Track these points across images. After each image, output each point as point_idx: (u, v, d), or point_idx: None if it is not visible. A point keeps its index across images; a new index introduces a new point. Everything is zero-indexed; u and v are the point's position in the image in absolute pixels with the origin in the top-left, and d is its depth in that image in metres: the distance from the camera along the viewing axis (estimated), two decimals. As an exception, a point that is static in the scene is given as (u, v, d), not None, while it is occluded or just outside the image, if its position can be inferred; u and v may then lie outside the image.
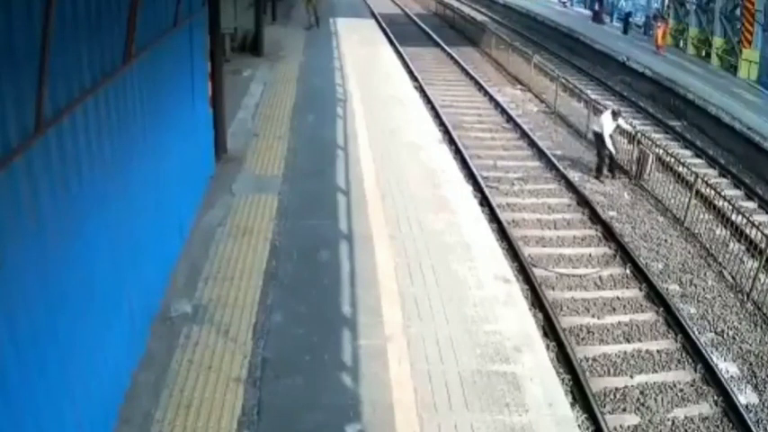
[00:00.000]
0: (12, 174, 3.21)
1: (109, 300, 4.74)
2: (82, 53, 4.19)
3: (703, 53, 22.33)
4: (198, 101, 8.51)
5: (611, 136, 12.10)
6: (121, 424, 4.90)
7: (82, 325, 4.18)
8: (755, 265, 8.91)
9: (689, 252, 9.88)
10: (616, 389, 6.92)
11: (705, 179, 10.78)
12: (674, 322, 7.93)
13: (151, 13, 5.90)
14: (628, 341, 7.72)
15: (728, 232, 10.12)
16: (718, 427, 6.53)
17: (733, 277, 9.14)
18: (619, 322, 8.04)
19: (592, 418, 6.36)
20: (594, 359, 7.39)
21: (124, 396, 5.12)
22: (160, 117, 6.34)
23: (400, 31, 26.93)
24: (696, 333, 7.78)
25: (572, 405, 6.19)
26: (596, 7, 29.80)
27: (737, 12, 20.44)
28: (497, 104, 16.85)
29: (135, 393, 5.21)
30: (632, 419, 6.55)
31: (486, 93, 17.99)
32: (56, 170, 3.75)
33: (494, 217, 10.15)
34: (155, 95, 6.06)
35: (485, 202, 10.70)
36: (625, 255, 9.40)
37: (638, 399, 6.80)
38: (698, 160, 13.85)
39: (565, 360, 7.14)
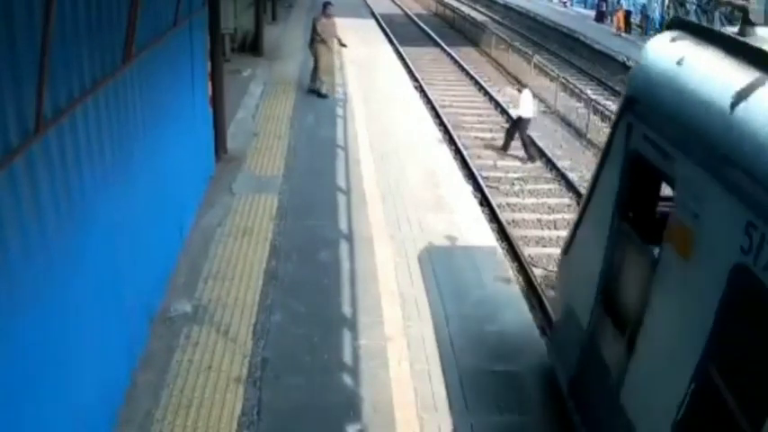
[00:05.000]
0: (12, 174, 3.21)
1: (109, 299, 4.74)
2: (82, 53, 4.18)
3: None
4: (198, 101, 8.51)
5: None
6: (121, 424, 4.90)
7: (82, 325, 4.17)
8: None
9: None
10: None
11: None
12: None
13: (151, 12, 5.89)
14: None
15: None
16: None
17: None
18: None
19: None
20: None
21: (124, 396, 5.12)
22: (160, 117, 6.34)
23: (400, 31, 26.96)
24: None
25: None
26: (603, 7, 29.84)
27: (737, 12, 20.45)
28: (497, 104, 16.86)
29: (135, 393, 5.21)
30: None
31: (486, 93, 18.00)
32: (56, 170, 3.75)
33: (494, 217, 10.15)
34: (155, 95, 6.06)
35: (485, 201, 10.71)
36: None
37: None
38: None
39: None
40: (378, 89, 15.31)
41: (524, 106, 12.87)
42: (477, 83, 19.13)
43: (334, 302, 6.65)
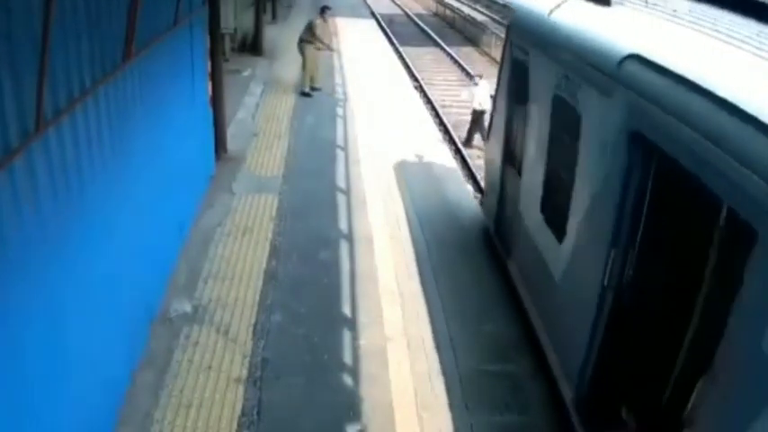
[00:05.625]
0: (12, 174, 3.20)
1: (109, 299, 4.73)
2: (82, 52, 4.18)
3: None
4: (198, 100, 8.50)
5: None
6: (121, 424, 4.90)
7: (81, 325, 4.17)
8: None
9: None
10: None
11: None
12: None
13: (151, 11, 5.88)
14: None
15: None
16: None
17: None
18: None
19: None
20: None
21: (124, 396, 5.12)
22: (160, 116, 6.33)
23: (400, 31, 26.97)
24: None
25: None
26: None
27: None
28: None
29: (135, 393, 5.20)
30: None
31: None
32: (56, 170, 3.75)
33: (494, 217, 10.15)
34: (155, 95, 6.05)
35: (485, 201, 10.70)
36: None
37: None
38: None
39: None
40: (378, 89, 15.31)
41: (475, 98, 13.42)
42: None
43: (334, 302, 6.65)
